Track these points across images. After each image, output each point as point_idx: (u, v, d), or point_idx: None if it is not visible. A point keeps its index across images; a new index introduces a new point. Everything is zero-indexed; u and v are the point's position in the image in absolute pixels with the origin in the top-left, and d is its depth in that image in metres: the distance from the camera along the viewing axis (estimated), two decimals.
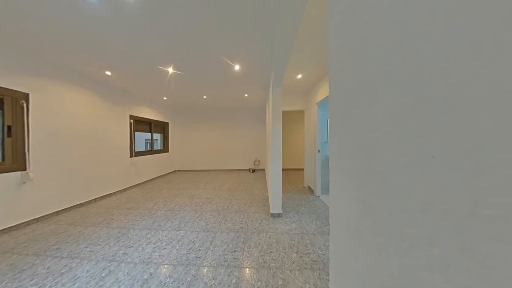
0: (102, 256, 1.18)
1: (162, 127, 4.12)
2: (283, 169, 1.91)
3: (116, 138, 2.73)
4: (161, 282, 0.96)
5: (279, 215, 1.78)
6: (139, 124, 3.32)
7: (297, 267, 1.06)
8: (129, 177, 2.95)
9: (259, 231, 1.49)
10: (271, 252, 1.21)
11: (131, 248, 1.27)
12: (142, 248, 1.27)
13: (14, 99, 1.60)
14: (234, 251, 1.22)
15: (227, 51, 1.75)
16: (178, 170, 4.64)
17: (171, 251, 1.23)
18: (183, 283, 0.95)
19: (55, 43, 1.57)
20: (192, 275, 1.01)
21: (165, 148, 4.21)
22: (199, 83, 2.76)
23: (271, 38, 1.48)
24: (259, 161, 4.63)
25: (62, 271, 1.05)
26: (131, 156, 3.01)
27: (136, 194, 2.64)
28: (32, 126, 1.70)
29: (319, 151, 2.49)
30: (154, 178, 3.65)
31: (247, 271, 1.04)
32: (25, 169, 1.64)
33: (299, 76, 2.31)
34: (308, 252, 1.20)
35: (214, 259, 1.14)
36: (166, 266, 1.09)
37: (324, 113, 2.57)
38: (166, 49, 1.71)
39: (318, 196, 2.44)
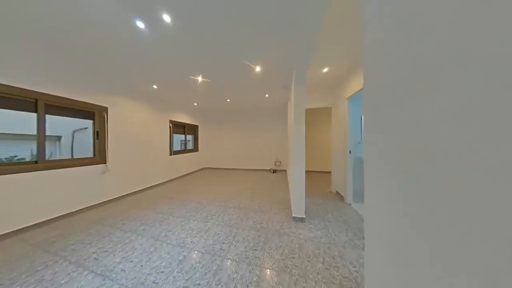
0: (150, 235, 1.47)
1: (193, 129, 4.71)
2: (306, 171, 1.80)
3: (159, 140, 3.32)
4: (192, 265, 1.10)
5: (301, 219, 1.69)
6: (176, 127, 3.91)
7: (323, 280, 0.98)
8: (168, 172, 3.52)
9: (280, 234, 1.46)
10: (293, 257, 1.16)
11: (170, 231, 1.52)
12: (178, 233, 1.49)
13: (99, 112, 2.22)
14: (255, 249, 1.25)
15: (249, 55, 1.81)
16: (206, 168, 5.15)
17: (200, 239, 1.39)
18: (209, 270, 1.06)
19: (120, 67, 2.08)
20: (217, 264, 1.11)
21: (195, 148, 4.78)
22: (223, 88, 2.98)
23: (293, 35, 1.43)
24: (280, 161, 4.54)
25: (126, 241, 1.37)
26: (170, 155, 3.59)
27: (173, 186, 3.11)
28: (109, 131, 2.30)
29: (350, 152, 2.19)
30: (187, 174, 4.20)
31: (268, 272, 1.04)
32: (105, 163, 2.24)
33: (325, 69, 2.11)
34: (336, 266, 1.08)
35: (236, 254, 1.20)
36: (196, 252, 1.23)
37: (357, 108, 2.25)
38: (196, 61, 1.95)
39: (349, 204, 2.14)
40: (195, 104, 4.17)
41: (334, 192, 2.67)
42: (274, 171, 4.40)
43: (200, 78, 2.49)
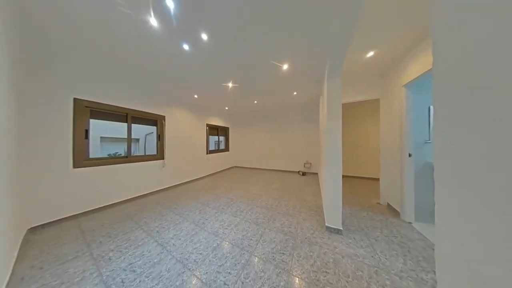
0: (192, 220, 1.75)
1: (224, 131, 5.21)
2: (346, 177, 1.55)
3: (199, 141, 3.90)
4: (224, 254, 1.22)
5: (337, 231, 1.47)
6: (211, 129, 4.46)
7: None
8: (205, 168, 4.08)
9: (310, 242, 1.34)
10: (326, 272, 1.04)
11: (207, 220, 1.75)
12: (213, 223, 1.69)
13: (160, 119, 2.89)
14: (283, 253, 1.21)
15: (276, 53, 1.80)
16: (235, 167, 5.55)
17: (230, 232, 1.51)
18: (239, 263, 1.13)
19: (172, 84, 2.61)
20: (246, 259, 1.16)
21: (226, 148, 5.26)
22: (251, 90, 3.10)
23: (326, 21, 1.28)
24: (310, 163, 4.18)
25: (176, 222, 1.71)
26: (207, 154, 4.15)
27: (209, 182, 3.57)
28: (166, 134, 2.96)
29: (410, 155, 1.69)
30: (219, 171, 4.69)
31: (297, 281, 0.98)
32: (163, 159, 2.90)
33: (370, 54, 1.74)
34: None
35: (263, 253, 1.22)
36: (227, 243, 1.35)
37: (421, 98, 1.71)
38: (227, 68, 2.15)
39: (409, 223, 1.65)
40: (226, 108, 4.60)
41: (384, 204, 2.15)
42: (303, 174, 4.10)
43: (230, 84, 2.72)
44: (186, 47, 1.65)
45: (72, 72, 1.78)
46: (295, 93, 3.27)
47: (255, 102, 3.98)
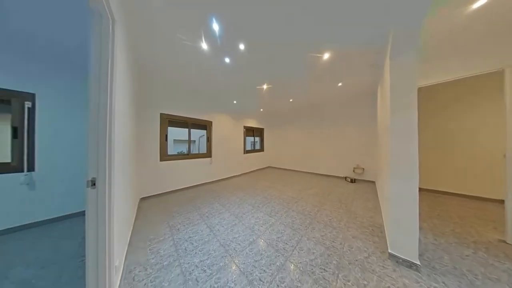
0: (233, 212, 1.97)
1: (260, 132, 5.42)
2: (423, 190, 1.11)
3: (237, 141, 4.33)
4: (259, 251, 1.26)
5: (410, 265, 1.08)
6: (247, 131, 4.80)
7: None
8: (243, 167, 4.45)
9: (364, 268, 1.08)
10: None
11: (244, 214, 1.90)
12: (249, 218, 1.81)
13: (209, 124, 3.51)
14: (324, 270, 1.07)
15: (316, 44, 1.63)
16: (270, 167, 5.60)
17: (265, 230, 1.55)
18: (273, 264, 1.13)
19: (216, 93, 3.08)
20: (281, 262, 1.14)
21: (261, 148, 5.44)
22: (286, 89, 3.01)
23: None
24: (362, 169, 3.38)
25: (220, 211, 2.00)
26: (244, 153, 4.51)
27: (246, 179, 3.85)
28: (212, 136, 3.55)
29: None
30: (255, 170, 4.93)
31: None
32: (211, 157, 3.50)
33: (479, 2, 1.13)
34: None
35: (300, 262, 1.14)
36: (262, 240, 1.40)
37: None
38: (262, 71, 2.22)
39: None
40: (261, 110, 4.77)
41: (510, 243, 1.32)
42: (353, 181, 3.38)
43: (265, 86, 2.79)
44: (227, 59, 1.90)
45: (159, 95, 2.61)
46: (340, 84, 2.79)
47: (291, 100, 3.82)
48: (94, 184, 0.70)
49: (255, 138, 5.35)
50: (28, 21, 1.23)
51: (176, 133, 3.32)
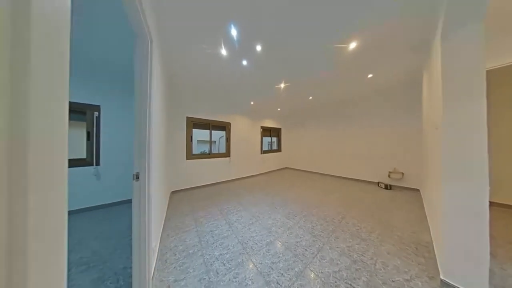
0: (250, 211, 2.01)
1: (277, 132, 5.33)
2: (500, 205, 0.86)
3: (254, 142, 4.39)
4: (277, 253, 1.24)
5: None
6: (264, 131, 4.81)
7: None
8: (260, 167, 4.48)
9: None
10: None
11: (262, 214, 1.91)
12: (266, 219, 1.80)
13: (227, 125, 3.70)
14: (351, 285, 0.96)
15: (340, 34, 1.48)
16: (287, 168, 5.43)
17: (283, 233, 1.51)
18: (292, 269, 1.08)
19: (234, 96, 3.21)
20: (299, 269, 1.09)
21: (278, 149, 5.34)
22: (305, 86, 2.86)
23: None
24: (401, 173, 2.85)
25: (238, 209, 2.08)
26: (261, 153, 4.54)
27: (263, 179, 3.86)
28: (231, 137, 3.72)
29: None
30: (272, 171, 4.88)
31: None
32: (229, 156, 3.67)
33: None
34: None
35: (322, 272, 1.05)
36: (279, 243, 1.37)
37: None
38: (280, 69, 2.18)
39: None
40: (279, 109, 4.68)
41: None
42: (388, 187, 2.89)
43: (282, 85, 2.73)
44: (244, 62, 1.95)
45: (185, 100, 2.95)
46: (370, 75, 2.44)
47: (310, 98, 3.59)
48: (138, 178, 0.85)
49: (272, 138, 5.29)
50: (92, 49, 1.61)
51: (199, 134, 3.65)
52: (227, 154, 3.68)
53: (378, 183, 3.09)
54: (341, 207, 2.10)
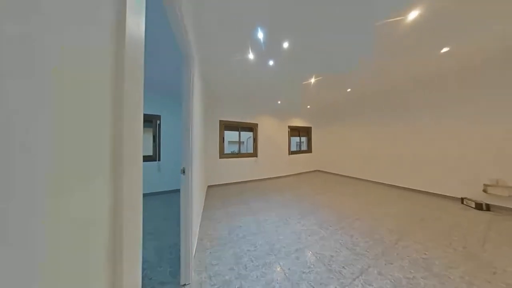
0: (278, 213, 1.97)
1: (306, 131, 4.94)
2: None
3: (281, 142, 4.28)
4: (307, 263, 1.14)
5: None
6: (292, 130, 4.58)
7: None
8: (287, 168, 4.31)
9: None
10: None
11: (290, 218, 1.82)
12: (295, 223, 1.70)
13: (254, 126, 3.83)
14: None
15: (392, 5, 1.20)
16: (318, 171, 4.90)
17: (315, 243, 1.37)
18: (326, 285, 0.96)
19: (262, 97, 3.26)
20: (336, 287, 0.95)
21: (309, 149, 4.92)
22: (342, 77, 2.49)
23: None
24: (509, 188, 1.88)
25: (266, 209, 2.08)
26: (288, 154, 4.36)
27: (291, 181, 3.68)
28: (258, 137, 3.81)
29: None
30: (301, 173, 4.56)
31: None
32: (256, 156, 3.77)
33: None
34: None
35: None
36: (310, 252, 1.25)
37: None
38: (309, 63, 2.01)
39: None
40: (308, 106, 4.33)
41: None
42: (484, 207, 1.99)
43: (313, 79, 2.50)
44: (271, 62, 1.95)
45: (218, 105, 3.32)
46: (444, 49, 1.80)
47: (349, 90, 3.09)
48: (184, 172, 1.04)
49: (301, 138, 4.95)
50: (153, 71, 2.12)
51: (229, 135, 3.99)
52: (254, 154, 3.80)
53: (463, 199, 2.18)
54: (396, 225, 1.66)
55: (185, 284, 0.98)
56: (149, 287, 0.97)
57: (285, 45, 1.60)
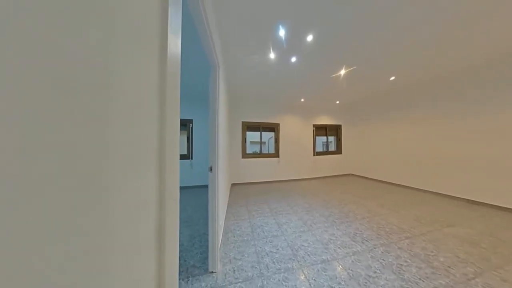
0: (301, 217, 1.86)
1: (335, 130, 4.42)
2: None
3: (305, 142, 4.01)
4: (336, 278, 1.02)
5: None
6: (317, 129, 4.21)
7: None
8: (312, 170, 3.99)
9: None
10: None
11: (314, 224, 1.68)
12: (321, 232, 1.55)
13: (276, 126, 3.77)
14: None
15: None
16: (352, 174, 4.28)
17: (345, 257, 1.20)
18: None
19: (283, 96, 3.17)
20: None
21: (338, 150, 4.38)
22: (383, 62, 2.08)
23: None
24: None
25: (288, 212, 2.01)
26: (313, 155, 4.04)
27: (316, 185, 3.39)
28: (280, 138, 3.73)
29: None
30: (329, 176, 4.12)
31: None
32: (278, 157, 3.70)
33: None
34: None
35: None
36: (340, 266, 1.11)
37: None
38: (340, 53, 1.80)
39: None
40: (337, 102, 3.88)
41: None
42: None
43: (343, 71, 2.22)
44: (293, 59, 1.86)
45: (240, 107, 3.48)
46: None
47: (392, 78, 2.55)
48: (211, 170, 1.15)
49: (328, 137, 4.46)
50: (187, 79, 2.44)
51: (251, 136, 4.10)
52: (276, 154, 3.74)
53: None
54: (466, 252, 1.23)
55: (212, 272, 1.08)
56: (184, 267, 1.14)
57: (309, 38, 1.50)
